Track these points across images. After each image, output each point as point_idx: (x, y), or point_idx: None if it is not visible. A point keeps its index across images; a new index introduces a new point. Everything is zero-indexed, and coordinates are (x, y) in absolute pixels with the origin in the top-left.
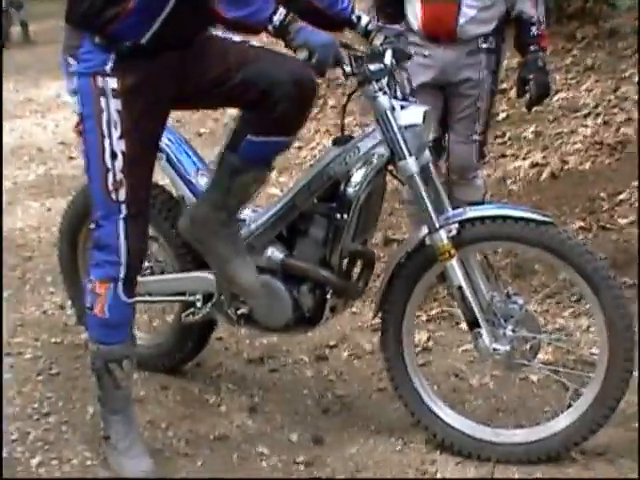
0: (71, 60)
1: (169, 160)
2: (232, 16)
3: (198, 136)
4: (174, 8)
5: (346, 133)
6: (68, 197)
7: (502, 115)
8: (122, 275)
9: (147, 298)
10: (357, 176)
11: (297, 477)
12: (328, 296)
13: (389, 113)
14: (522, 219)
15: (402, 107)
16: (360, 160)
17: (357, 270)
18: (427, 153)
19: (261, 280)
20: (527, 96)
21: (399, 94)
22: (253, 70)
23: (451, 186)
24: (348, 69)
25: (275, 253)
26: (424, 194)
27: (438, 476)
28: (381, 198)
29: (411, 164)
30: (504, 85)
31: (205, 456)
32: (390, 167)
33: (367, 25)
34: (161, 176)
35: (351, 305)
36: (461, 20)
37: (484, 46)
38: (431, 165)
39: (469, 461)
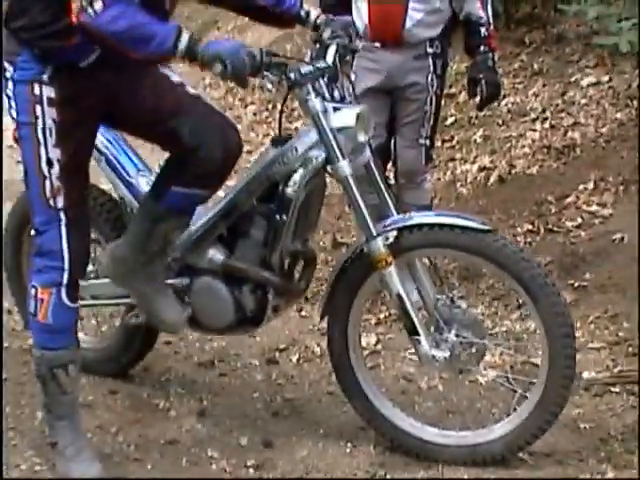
0: (8, 66)
1: (108, 162)
2: (139, 55)
3: None
4: None
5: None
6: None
7: (450, 119)
8: (65, 280)
9: (92, 302)
10: (296, 176)
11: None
12: (270, 296)
13: (321, 116)
14: (459, 227)
15: (335, 109)
16: (298, 160)
17: (299, 269)
18: (366, 153)
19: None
20: (478, 97)
21: (337, 94)
22: (185, 124)
23: (399, 190)
24: (269, 86)
25: (216, 254)
26: (358, 198)
27: (387, 477)
28: (321, 198)
29: (344, 167)
30: (452, 89)
31: (155, 460)
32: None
33: (316, 19)
34: (103, 178)
35: (293, 304)
36: (408, 23)
37: (430, 50)
38: (373, 165)
39: (417, 463)
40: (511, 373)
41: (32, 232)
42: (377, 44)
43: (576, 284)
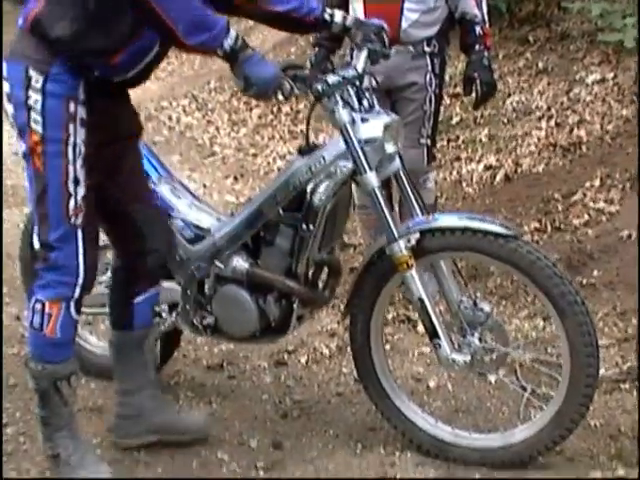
0: (37, 75)
1: None
2: (191, 43)
3: (153, 144)
4: (155, 55)
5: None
6: (22, 207)
7: (456, 119)
8: (77, 295)
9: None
10: (323, 186)
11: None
12: (295, 306)
13: (349, 127)
14: (483, 231)
15: (363, 120)
16: (325, 170)
17: (323, 278)
18: (395, 163)
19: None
20: (473, 95)
21: (365, 102)
22: (142, 219)
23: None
24: (281, 98)
25: (240, 263)
26: (384, 209)
27: (398, 477)
28: (347, 208)
29: (371, 178)
30: (457, 89)
31: (165, 464)
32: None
33: (344, 21)
34: None
35: (317, 313)
36: (404, 24)
37: (428, 49)
38: (402, 175)
39: (429, 463)
40: (521, 374)
41: (37, 246)
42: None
43: (584, 281)
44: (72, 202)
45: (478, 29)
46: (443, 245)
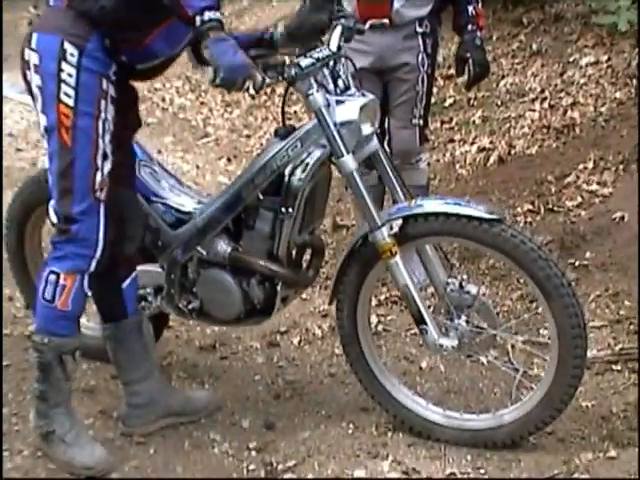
0: (72, 47)
1: None
2: None
3: (146, 126)
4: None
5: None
6: (15, 189)
7: (449, 101)
8: (92, 268)
9: None
10: (300, 169)
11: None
12: (278, 288)
13: (324, 110)
14: (466, 216)
15: (338, 102)
16: (302, 153)
17: (306, 259)
18: (372, 143)
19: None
20: (466, 76)
21: (341, 83)
22: (125, 202)
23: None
24: (252, 91)
25: (222, 246)
26: (364, 192)
27: (390, 458)
28: (327, 189)
29: (348, 161)
30: (451, 71)
31: (157, 444)
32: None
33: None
34: None
35: (302, 293)
36: (396, 4)
37: (420, 30)
38: (381, 154)
39: (421, 444)
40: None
41: (54, 216)
42: (366, 26)
43: (577, 263)
44: (99, 176)
45: (471, 9)
46: (426, 231)
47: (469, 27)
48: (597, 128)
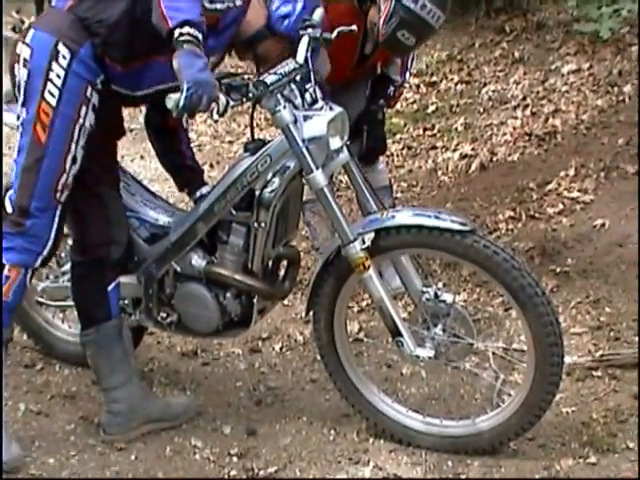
0: (65, 51)
1: None
2: (163, 4)
3: (129, 132)
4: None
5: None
6: None
7: (432, 107)
8: (37, 265)
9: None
10: (272, 184)
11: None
12: (255, 300)
13: (291, 127)
14: (441, 229)
15: (305, 117)
16: (272, 168)
17: (282, 270)
18: (343, 155)
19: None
20: (361, 145)
21: (308, 96)
22: (113, 205)
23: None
24: (216, 115)
25: (197, 260)
26: (334, 207)
27: (371, 464)
28: (299, 201)
29: (318, 178)
30: (434, 78)
31: (138, 450)
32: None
33: None
34: None
35: (279, 302)
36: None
37: None
38: (352, 166)
39: (402, 449)
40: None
41: (9, 207)
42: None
43: (558, 270)
44: (64, 178)
45: (391, 90)
46: (399, 243)
47: (380, 101)
48: (578, 135)
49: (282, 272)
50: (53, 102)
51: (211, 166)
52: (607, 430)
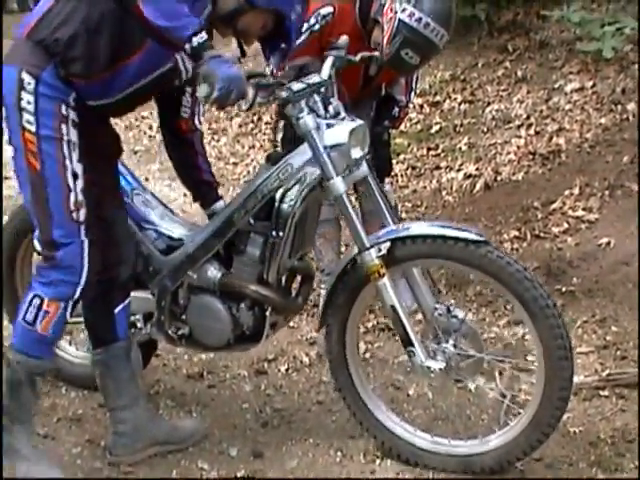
0: (28, 77)
1: None
2: (159, 24)
3: (134, 154)
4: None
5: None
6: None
7: (435, 127)
8: (77, 295)
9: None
10: (291, 193)
11: None
12: (267, 313)
13: (313, 134)
14: (453, 238)
15: (328, 125)
16: (293, 177)
17: (295, 286)
18: (363, 168)
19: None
20: None
21: (332, 109)
22: (119, 227)
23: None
24: (244, 106)
25: (213, 272)
26: (352, 214)
27: None
28: (317, 214)
29: (337, 184)
30: (437, 97)
31: (145, 473)
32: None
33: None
34: None
35: (291, 320)
36: None
37: None
38: (370, 179)
39: (409, 471)
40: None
41: (38, 245)
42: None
43: (563, 289)
44: (72, 197)
45: (396, 110)
46: (414, 253)
47: (386, 122)
48: (583, 154)
49: (295, 288)
50: (33, 129)
51: None
52: (615, 450)
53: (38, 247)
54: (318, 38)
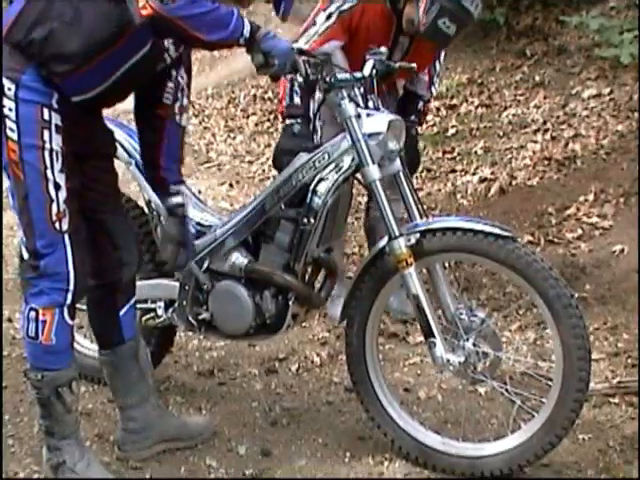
0: (8, 82)
1: (137, 165)
2: (213, 39)
3: None
4: (124, 74)
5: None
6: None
7: (452, 130)
8: (69, 301)
9: None
10: (326, 182)
11: None
12: (290, 302)
13: (354, 120)
14: (481, 232)
15: (368, 115)
16: (329, 166)
17: (319, 280)
18: (397, 163)
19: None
20: None
21: (371, 104)
22: (117, 230)
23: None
24: (304, 74)
25: (239, 259)
26: (384, 201)
27: None
28: (347, 206)
29: (373, 171)
30: (454, 101)
31: (153, 469)
32: (358, 175)
33: None
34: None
35: (311, 315)
36: None
37: None
38: (402, 176)
39: (417, 473)
40: (512, 387)
41: (25, 256)
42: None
43: (576, 295)
44: (54, 207)
45: (421, 105)
46: (442, 246)
47: (412, 117)
48: (598, 160)
49: (319, 282)
50: (15, 137)
51: (230, 185)
52: (624, 457)
53: (25, 255)
54: (348, 20)
